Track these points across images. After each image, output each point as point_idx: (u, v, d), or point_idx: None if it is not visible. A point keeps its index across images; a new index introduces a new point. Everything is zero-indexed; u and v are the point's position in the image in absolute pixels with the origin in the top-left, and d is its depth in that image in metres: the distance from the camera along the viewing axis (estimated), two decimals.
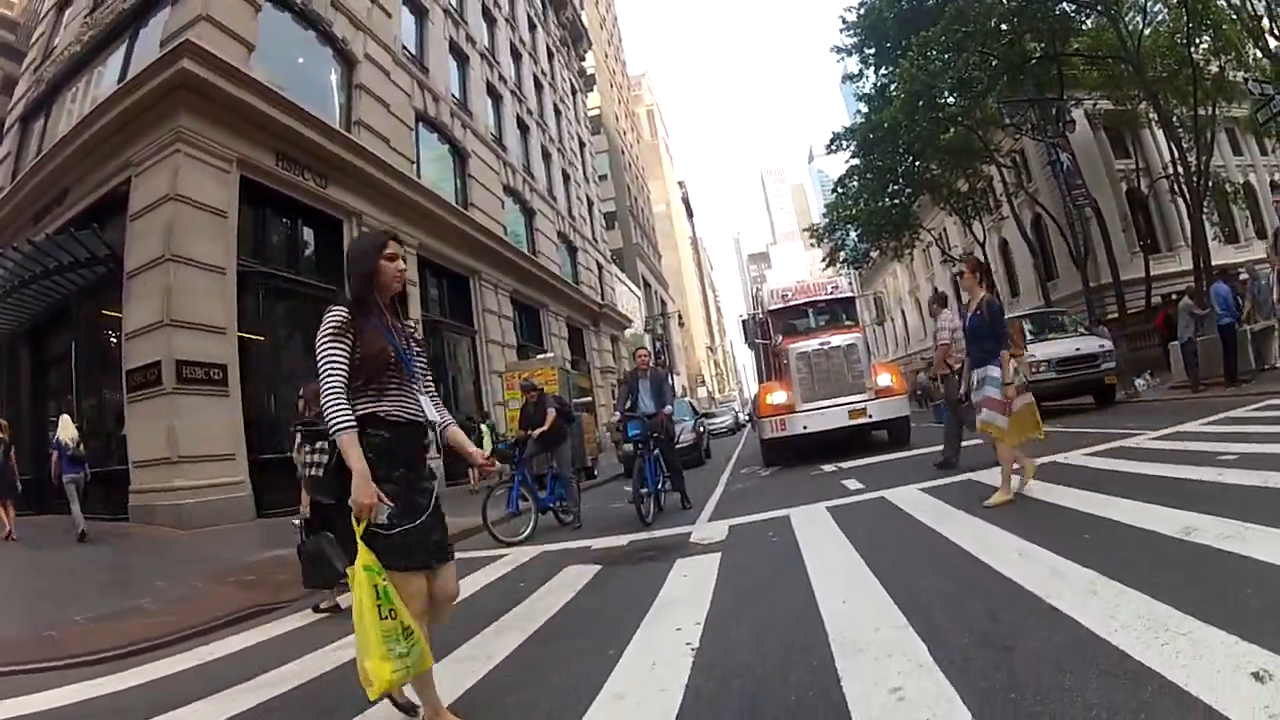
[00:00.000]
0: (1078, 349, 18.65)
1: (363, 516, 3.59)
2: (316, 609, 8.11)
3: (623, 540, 10.24)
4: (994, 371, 8.40)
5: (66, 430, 15.30)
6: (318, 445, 3.82)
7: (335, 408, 3.68)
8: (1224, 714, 2.73)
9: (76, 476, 15.15)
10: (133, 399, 16.64)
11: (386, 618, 3.57)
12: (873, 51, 44.52)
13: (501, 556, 10.41)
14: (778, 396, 17.55)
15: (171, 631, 7.54)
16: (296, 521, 8.49)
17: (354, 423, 3.64)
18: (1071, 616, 3.99)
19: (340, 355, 3.79)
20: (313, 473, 3.77)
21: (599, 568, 8.32)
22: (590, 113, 69.83)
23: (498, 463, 12.56)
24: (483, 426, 23.89)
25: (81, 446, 15.49)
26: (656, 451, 12.59)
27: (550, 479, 13.40)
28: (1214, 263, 33.76)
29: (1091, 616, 3.93)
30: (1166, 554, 4.95)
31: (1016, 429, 8.40)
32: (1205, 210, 36.51)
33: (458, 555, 11.02)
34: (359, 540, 3.63)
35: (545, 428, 12.88)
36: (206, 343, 16.81)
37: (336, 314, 3.88)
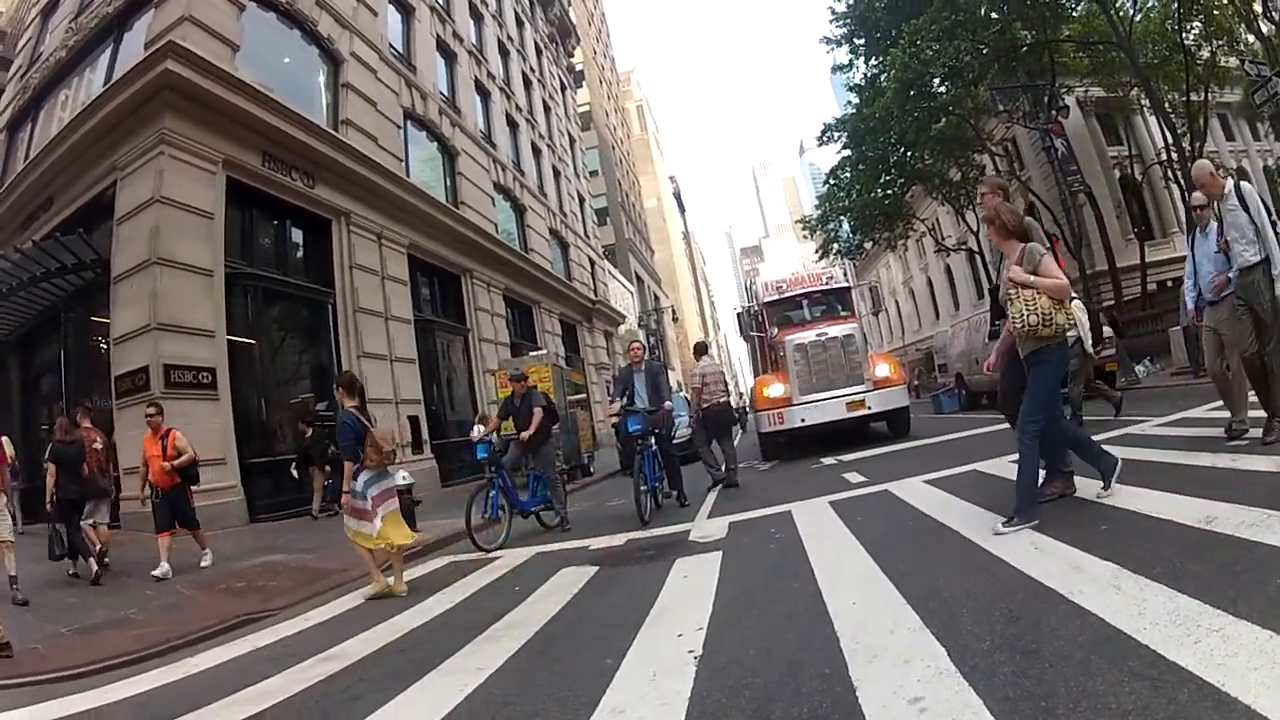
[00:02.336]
0: (1077, 335, 18.49)
1: None
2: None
3: (620, 540, 10.07)
4: (353, 482, 8.75)
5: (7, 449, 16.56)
6: None
7: None
8: (1265, 715, 2.57)
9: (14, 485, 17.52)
10: (122, 405, 16.45)
11: None
12: (862, 42, 44.34)
13: (496, 559, 10.24)
14: (775, 389, 17.40)
15: (158, 643, 7.38)
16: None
17: None
18: (1096, 614, 3.81)
19: None
20: None
21: (596, 569, 8.16)
22: (580, 109, 69.84)
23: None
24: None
25: (16, 463, 16.59)
26: (655, 447, 12.38)
27: (532, 480, 12.89)
28: None
29: (1117, 613, 3.75)
30: (1188, 544, 4.77)
31: (389, 534, 8.74)
32: None
33: (450, 559, 10.81)
34: None
35: (531, 431, 12.31)
36: (195, 346, 16.65)
37: None
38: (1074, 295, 14.64)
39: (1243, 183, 7.97)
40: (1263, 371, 8.06)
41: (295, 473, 18.63)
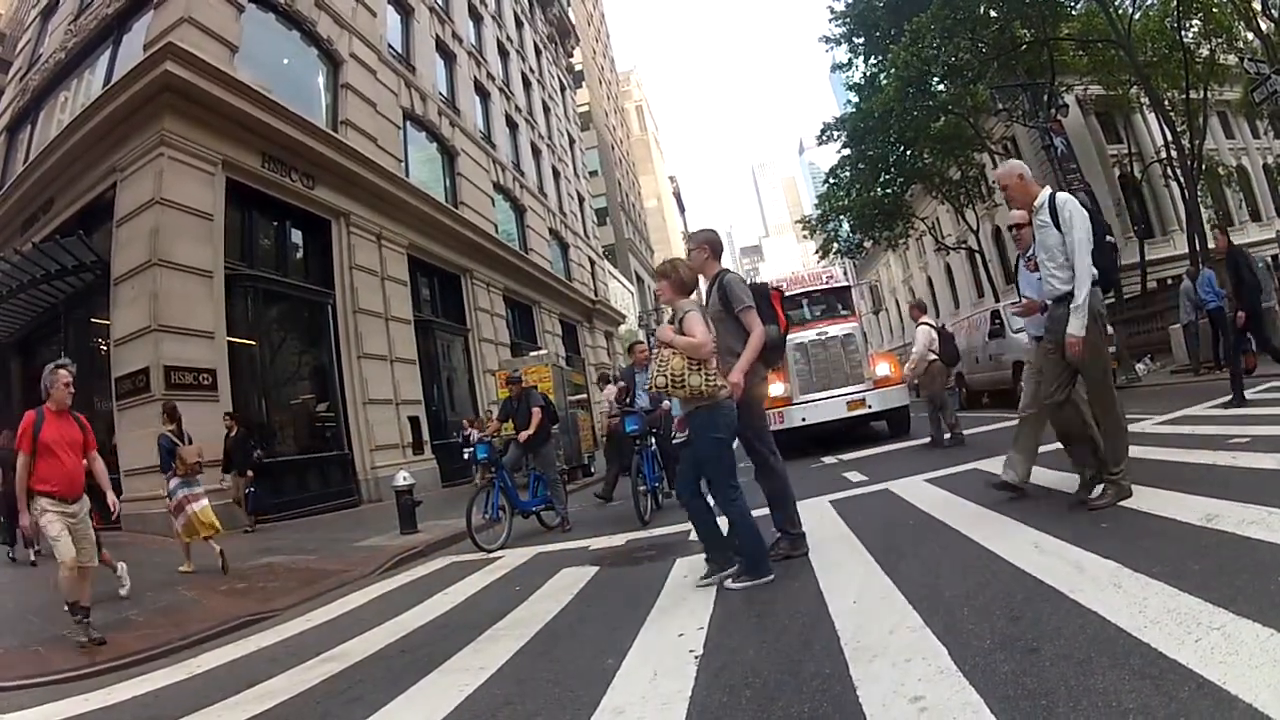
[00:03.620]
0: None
1: None
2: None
3: (620, 540, 10.05)
4: (169, 486, 11.61)
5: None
6: None
7: None
8: (1266, 713, 2.57)
9: None
10: (122, 406, 16.52)
11: None
12: (862, 41, 44.45)
13: (496, 559, 10.23)
14: (775, 388, 17.34)
15: (159, 644, 7.38)
16: None
17: None
18: (1097, 612, 3.81)
19: None
20: None
21: (596, 569, 8.14)
22: (579, 109, 69.84)
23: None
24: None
25: None
26: (654, 447, 12.36)
27: (532, 480, 12.92)
28: (1209, 246, 33.72)
29: (1118, 612, 3.75)
30: (1189, 542, 4.78)
31: (196, 527, 11.36)
32: (1199, 193, 36.44)
33: (451, 559, 10.79)
34: None
35: (530, 431, 12.42)
36: (195, 347, 16.69)
37: None
38: (925, 320, 14.96)
39: (1060, 194, 6.71)
40: (1071, 425, 7.09)
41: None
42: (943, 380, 14.75)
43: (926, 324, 15.05)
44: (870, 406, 16.85)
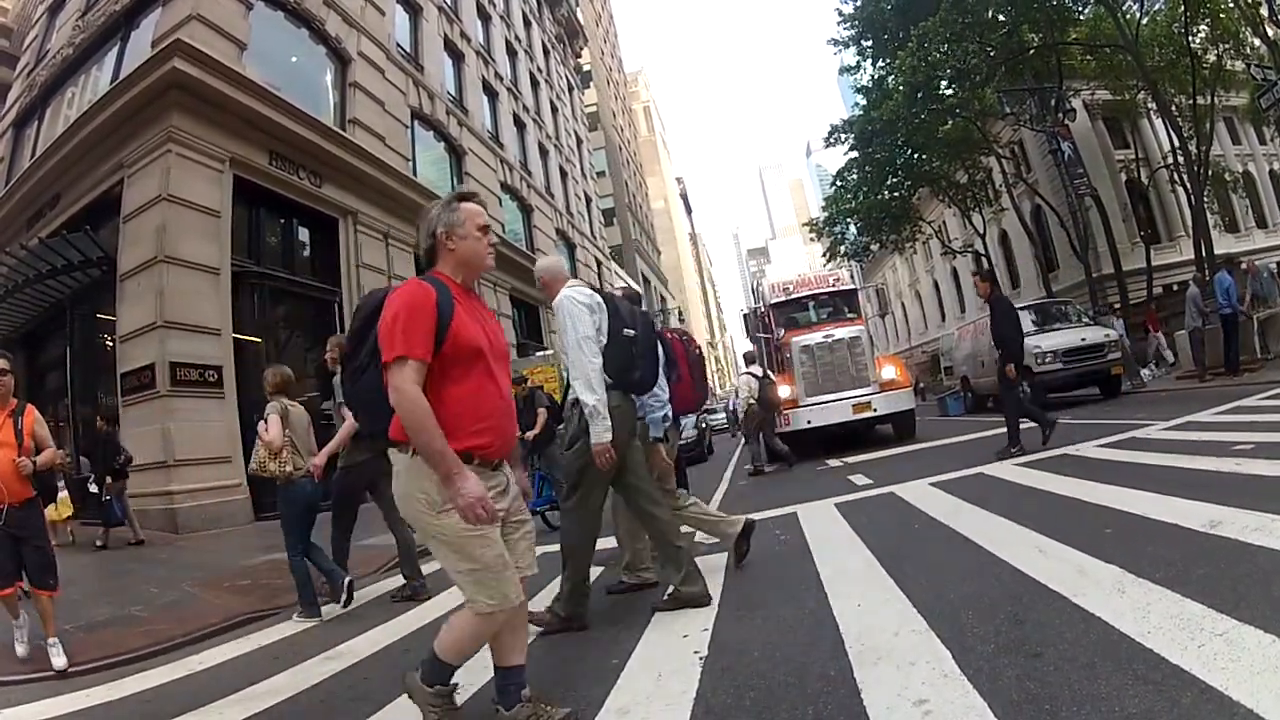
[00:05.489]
0: (1083, 339, 18.48)
1: None
2: None
3: None
4: None
5: None
6: None
7: None
8: (1267, 719, 2.57)
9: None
10: (127, 402, 16.50)
11: None
12: (870, 44, 44.43)
13: None
14: (781, 391, 17.36)
15: (162, 640, 7.38)
16: None
17: None
18: (1101, 617, 3.81)
19: None
20: None
21: (601, 569, 8.05)
22: (587, 109, 69.86)
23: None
24: None
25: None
26: None
27: (538, 480, 12.96)
28: (1215, 252, 33.66)
29: (1121, 617, 3.75)
30: (1193, 548, 4.78)
31: (56, 513, 11.64)
32: (1206, 199, 36.37)
33: None
34: None
35: (536, 431, 12.50)
36: (201, 344, 16.67)
37: None
38: (749, 371, 16.46)
39: (563, 292, 6.14)
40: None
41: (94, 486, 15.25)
42: (758, 421, 16.90)
43: (750, 374, 16.93)
44: (876, 409, 16.85)
